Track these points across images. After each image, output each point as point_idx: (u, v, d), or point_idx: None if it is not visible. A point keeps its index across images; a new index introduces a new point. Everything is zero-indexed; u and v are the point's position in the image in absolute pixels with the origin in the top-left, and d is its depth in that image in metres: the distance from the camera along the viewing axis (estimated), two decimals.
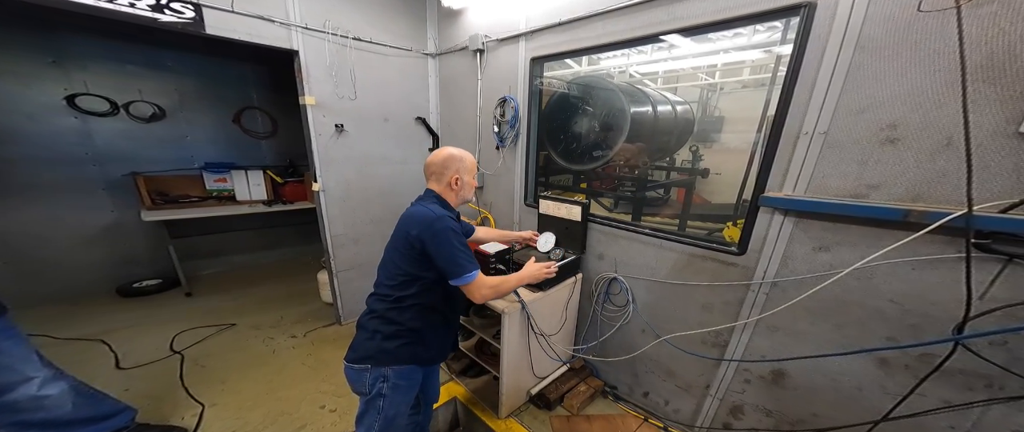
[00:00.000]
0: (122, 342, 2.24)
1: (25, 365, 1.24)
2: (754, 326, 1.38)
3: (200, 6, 1.57)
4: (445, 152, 1.15)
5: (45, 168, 2.53)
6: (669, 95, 2.00)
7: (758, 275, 1.32)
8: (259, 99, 3.27)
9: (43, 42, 2.40)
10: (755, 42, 1.49)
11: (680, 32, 1.39)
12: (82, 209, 2.71)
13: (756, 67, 1.65)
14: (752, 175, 1.32)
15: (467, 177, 1.17)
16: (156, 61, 2.78)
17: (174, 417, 1.69)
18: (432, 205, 1.10)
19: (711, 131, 2.03)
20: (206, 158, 3.05)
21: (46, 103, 2.47)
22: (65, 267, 2.69)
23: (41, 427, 1.27)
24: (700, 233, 1.56)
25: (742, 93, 1.80)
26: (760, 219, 1.28)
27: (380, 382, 1.09)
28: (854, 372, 1.20)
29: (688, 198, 1.79)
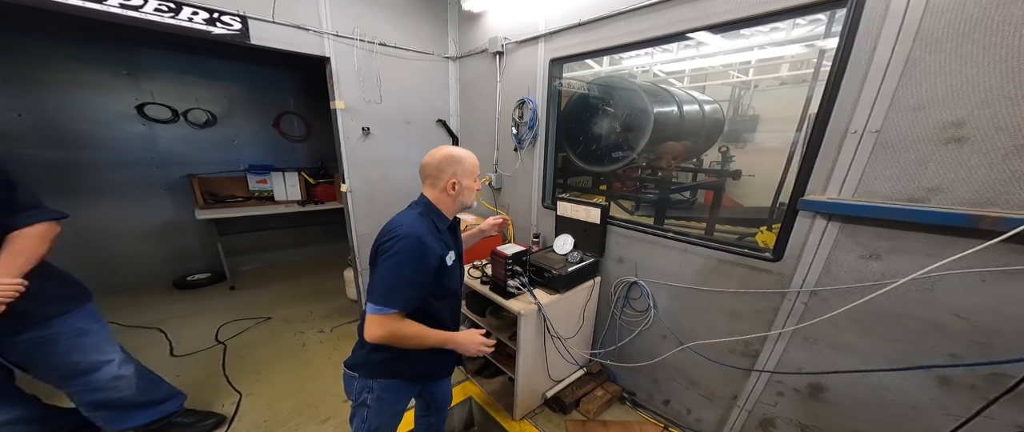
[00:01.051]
0: (176, 331, 2.38)
1: (106, 347, 1.30)
2: (789, 336, 1.25)
3: (246, 18, 1.65)
4: (442, 152, 0.97)
5: (116, 171, 2.76)
6: (696, 94, 1.87)
7: (795, 283, 1.19)
8: (295, 104, 3.42)
9: (119, 56, 2.62)
10: (795, 37, 1.35)
11: (710, 29, 1.28)
12: (145, 208, 2.93)
13: (796, 63, 1.50)
14: (790, 177, 1.19)
15: (467, 181, 0.99)
16: (209, 71, 2.97)
17: (215, 404, 1.75)
18: (412, 215, 0.93)
19: (743, 131, 1.87)
20: (249, 161, 3.22)
21: (120, 111, 2.69)
22: (130, 260, 2.91)
23: (111, 407, 1.34)
24: (729, 238, 1.43)
25: (780, 90, 1.64)
26: (799, 224, 1.16)
27: (365, 392, 1.00)
28: (907, 390, 1.06)
29: (717, 201, 1.66)
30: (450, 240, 1.02)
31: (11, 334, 1.08)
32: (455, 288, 1.06)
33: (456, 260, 1.04)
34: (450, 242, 1.01)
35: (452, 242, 1.03)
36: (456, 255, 1.04)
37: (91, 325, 1.26)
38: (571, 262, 1.69)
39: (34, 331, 1.12)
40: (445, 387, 1.33)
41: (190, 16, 1.52)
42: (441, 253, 0.92)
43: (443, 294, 1.00)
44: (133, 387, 1.36)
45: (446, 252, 0.96)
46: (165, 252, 3.08)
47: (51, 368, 1.19)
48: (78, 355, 1.22)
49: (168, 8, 1.47)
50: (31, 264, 1.04)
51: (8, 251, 1.00)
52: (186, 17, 1.51)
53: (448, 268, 0.97)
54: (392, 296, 0.84)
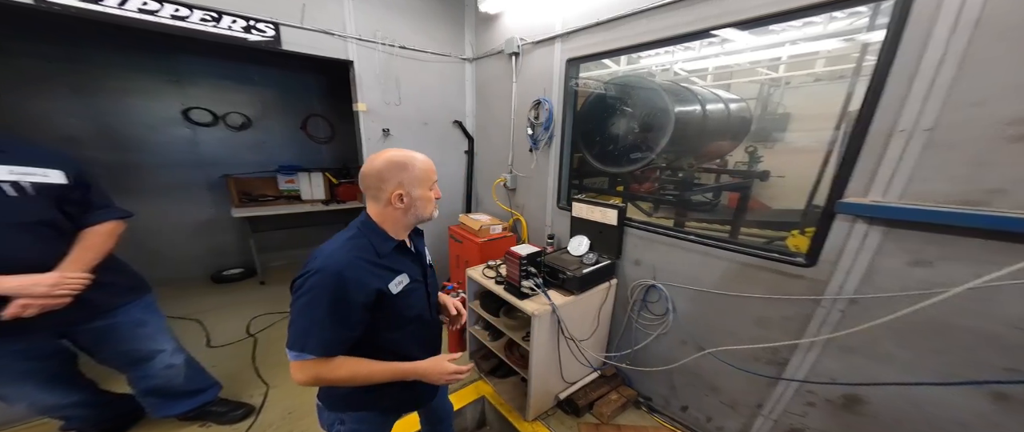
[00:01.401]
0: (212, 323, 2.49)
1: (161, 337, 1.36)
2: (823, 345, 1.16)
3: (278, 25, 1.72)
4: (383, 157, 0.78)
5: (162, 172, 2.94)
6: (721, 92, 1.77)
7: (831, 290, 1.10)
8: (321, 107, 3.53)
9: (165, 64, 2.79)
10: (832, 30, 1.25)
11: (737, 25, 1.20)
12: (187, 206, 3.10)
13: (833, 58, 1.38)
14: (826, 178, 1.10)
15: (419, 190, 0.80)
16: (245, 76, 3.11)
17: (245, 395, 1.81)
18: (339, 241, 0.77)
19: (773, 130, 1.74)
20: (279, 161, 3.36)
21: (166, 116, 2.87)
22: (173, 255, 3.10)
23: (161, 395, 1.41)
24: (757, 241, 1.35)
25: (814, 87, 1.52)
26: (836, 227, 1.06)
27: (338, 424, 0.91)
28: (955, 405, 0.96)
29: (743, 203, 1.56)
30: (400, 263, 0.84)
31: (82, 322, 1.16)
32: (416, 315, 0.89)
33: (413, 283, 0.86)
34: (399, 265, 0.83)
35: (406, 263, 0.85)
36: (412, 278, 0.86)
37: (149, 316, 1.33)
38: (586, 264, 1.65)
39: (101, 320, 1.19)
40: (442, 401, 1.20)
41: (230, 24, 1.60)
42: (376, 285, 0.76)
43: (399, 324, 0.85)
44: (181, 376, 1.42)
45: (388, 280, 0.79)
46: (203, 248, 3.26)
47: (116, 354, 1.26)
48: (137, 343, 1.29)
49: (211, 18, 1.55)
50: (99, 258, 1.11)
51: (80, 246, 1.08)
52: (226, 25, 1.59)
53: (395, 297, 0.80)
54: (306, 340, 0.71)
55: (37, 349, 1.14)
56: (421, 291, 0.91)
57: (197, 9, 1.52)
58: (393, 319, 0.83)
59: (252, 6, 1.64)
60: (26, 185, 0.98)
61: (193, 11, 1.51)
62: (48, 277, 0.99)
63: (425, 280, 0.93)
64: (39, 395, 1.20)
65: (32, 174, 0.99)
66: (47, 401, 1.23)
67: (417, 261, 0.91)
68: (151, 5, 1.42)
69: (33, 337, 1.09)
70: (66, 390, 1.27)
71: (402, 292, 0.83)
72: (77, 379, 1.32)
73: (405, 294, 0.84)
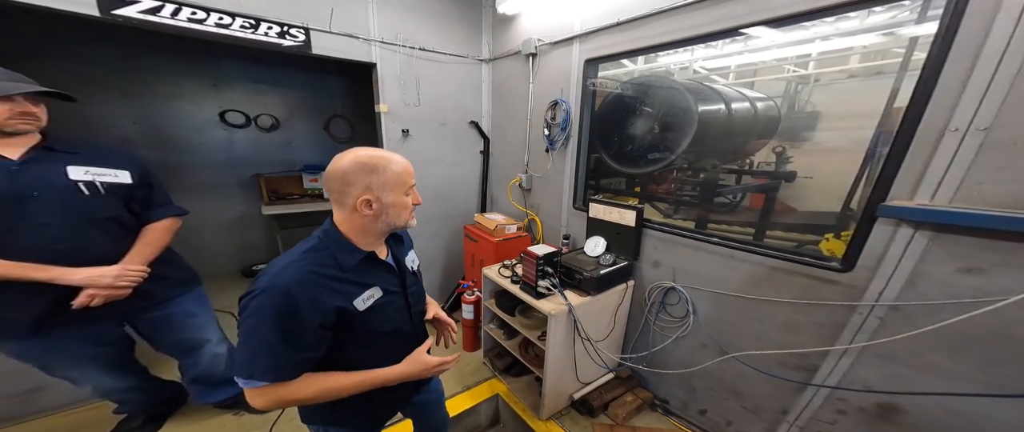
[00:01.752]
0: None
1: (209, 328, 1.41)
2: (858, 353, 1.08)
3: (309, 30, 1.77)
4: (348, 158, 0.69)
5: (202, 171, 3.09)
6: (746, 91, 1.69)
7: (869, 296, 1.03)
8: (342, 108, 3.62)
9: (206, 69, 2.94)
10: (870, 25, 1.16)
11: (766, 24, 1.14)
12: (222, 204, 3.25)
13: (870, 54, 1.29)
14: (865, 179, 1.03)
15: (391, 196, 0.70)
16: (275, 79, 3.23)
17: None
18: (293, 255, 0.69)
19: (801, 129, 1.64)
20: (305, 161, 3.48)
21: (206, 118, 3.02)
22: (209, 250, 3.24)
23: (204, 383, 1.47)
24: (785, 245, 1.28)
25: (848, 84, 1.42)
26: (877, 231, 0.99)
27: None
28: (1007, 419, 0.88)
29: (768, 205, 1.49)
30: (369, 276, 0.74)
31: (141, 311, 1.22)
32: (392, 329, 0.79)
33: (386, 296, 0.76)
34: (367, 278, 0.74)
35: (377, 276, 0.76)
36: (387, 289, 0.76)
37: (199, 307, 1.38)
38: (604, 265, 1.61)
39: (158, 310, 1.25)
40: (436, 410, 1.11)
41: (266, 31, 1.67)
42: (335, 303, 0.67)
43: (370, 341, 0.75)
44: (223, 365, 1.47)
45: (352, 296, 0.70)
46: (235, 243, 3.40)
47: (171, 343, 1.33)
48: (188, 333, 1.34)
49: (249, 25, 1.63)
50: (157, 253, 1.18)
51: (141, 241, 1.14)
52: (263, 32, 1.66)
53: (363, 313, 0.71)
54: (254, 366, 0.63)
55: (103, 336, 1.21)
56: (398, 303, 0.81)
57: (238, 17, 1.59)
58: (362, 337, 0.74)
59: (285, 12, 1.70)
60: (98, 184, 1.04)
61: (235, 19, 1.59)
62: (112, 269, 1.05)
63: (404, 290, 0.82)
64: (102, 379, 1.27)
65: (104, 174, 1.06)
66: (108, 385, 1.30)
67: (393, 272, 0.81)
68: (199, 15, 1.50)
69: (100, 325, 1.15)
70: (124, 375, 1.34)
71: (372, 308, 0.73)
72: (134, 365, 1.39)
73: (376, 309, 0.74)
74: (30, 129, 0.96)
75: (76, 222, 1.01)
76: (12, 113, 0.90)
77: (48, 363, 1.15)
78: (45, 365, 1.15)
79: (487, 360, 2.09)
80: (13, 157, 0.93)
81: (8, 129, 0.91)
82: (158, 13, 1.43)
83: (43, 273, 0.95)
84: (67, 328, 1.07)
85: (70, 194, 1.00)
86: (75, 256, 1.00)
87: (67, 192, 0.99)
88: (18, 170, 0.93)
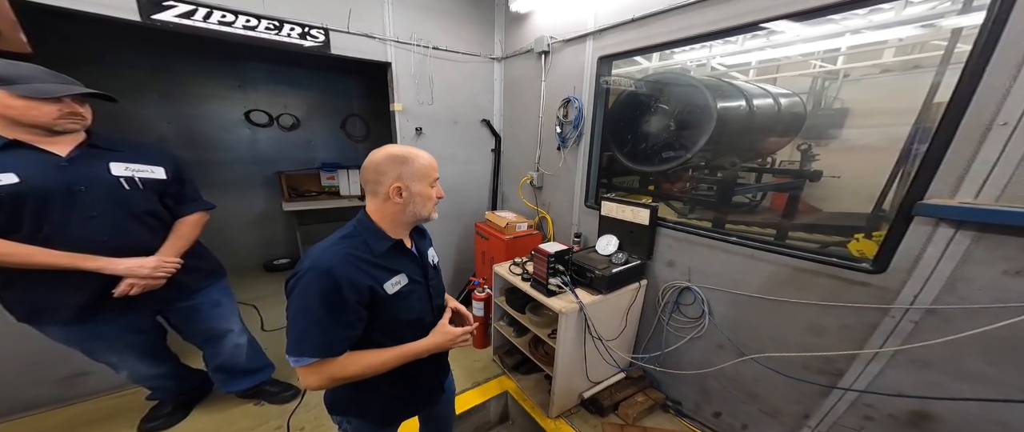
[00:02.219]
0: (266, 308, 2.63)
1: (232, 318, 1.44)
2: (889, 357, 1.02)
3: (328, 30, 1.80)
4: (383, 152, 0.75)
5: (229, 168, 3.19)
6: (769, 87, 1.61)
7: (904, 299, 0.96)
8: (358, 108, 3.67)
9: (233, 71, 3.03)
10: (907, 16, 1.08)
11: (791, 17, 1.07)
12: (247, 200, 3.35)
13: (906, 47, 1.20)
14: (900, 178, 0.96)
15: (418, 185, 0.75)
16: (296, 80, 3.30)
17: (292, 378, 1.85)
18: (330, 241, 0.74)
19: (828, 126, 1.55)
20: (322, 159, 3.55)
21: (233, 118, 3.12)
22: (234, 245, 3.34)
23: (228, 371, 1.51)
24: (810, 245, 1.21)
25: (881, 79, 1.33)
26: (914, 231, 0.92)
27: (345, 423, 0.90)
28: None
29: (792, 205, 1.41)
30: (397, 263, 0.79)
31: (173, 301, 1.26)
32: (416, 318, 0.83)
33: (411, 284, 0.81)
34: (395, 265, 0.78)
35: (403, 264, 0.80)
36: (412, 278, 0.81)
37: (224, 298, 1.41)
38: (616, 264, 1.57)
39: (187, 300, 1.29)
40: (444, 410, 1.14)
41: (289, 32, 1.71)
42: (368, 282, 0.71)
43: (396, 328, 0.79)
44: (244, 355, 1.51)
45: (383, 279, 0.75)
46: (258, 238, 3.50)
47: (197, 332, 1.37)
48: (213, 323, 1.38)
49: (274, 26, 1.67)
50: (188, 245, 1.22)
51: (174, 234, 1.19)
52: (286, 33, 1.70)
53: (391, 297, 0.75)
54: (305, 343, 0.68)
55: (139, 324, 1.25)
56: (421, 293, 0.85)
57: (263, 19, 1.64)
58: (387, 324, 0.77)
59: (306, 14, 1.73)
60: (137, 180, 1.09)
61: (260, 21, 1.63)
62: (149, 260, 1.09)
63: (426, 282, 0.86)
64: (136, 365, 1.32)
65: (142, 170, 1.10)
66: (142, 371, 1.35)
67: (417, 262, 0.85)
68: (228, 17, 1.56)
69: (136, 313, 1.18)
70: (157, 362, 1.38)
71: (399, 293, 0.77)
72: (166, 353, 1.42)
73: (402, 295, 0.78)
74: (77, 128, 1.00)
75: (118, 215, 1.05)
76: (61, 113, 0.94)
77: (91, 348, 1.20)
78: (88, 349, 1.20)
79: (497, 357, 2.08)
80: (62, 154, 0.98)
81: (57, 128, 0.95)
82: (192, 17, 1.48)
83: (91, 262, 0.99)
84: (108, 315, 1.12)
85: (113, 188, 1.04)
86: (117, 247, 1.04)
87: (110, 187, 1.04)
88: (67, 166, 0.97)
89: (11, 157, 0.91)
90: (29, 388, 1.49)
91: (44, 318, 1.07)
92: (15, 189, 0.90)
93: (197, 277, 1.30)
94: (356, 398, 0.85)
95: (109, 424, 1.50)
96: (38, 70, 0.93)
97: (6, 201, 0.90)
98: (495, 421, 1.85)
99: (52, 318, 1.07)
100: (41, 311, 1.06)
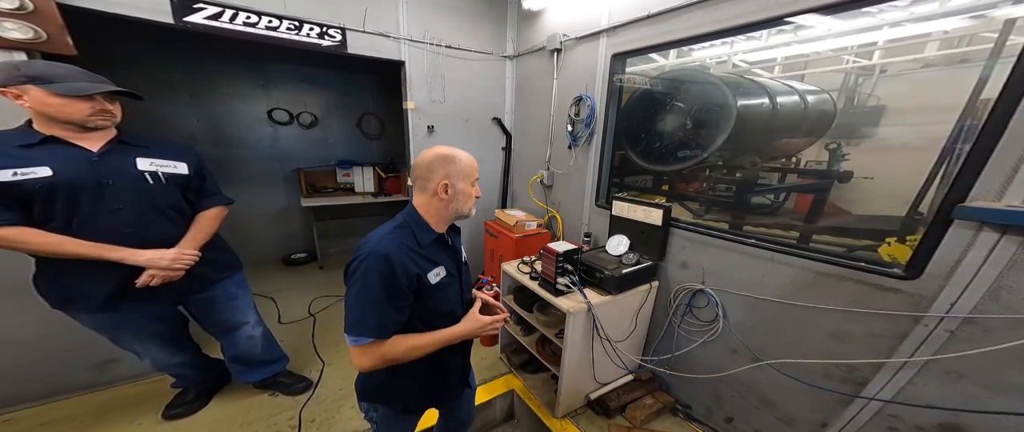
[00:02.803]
0: (283, 301, 2.68)
1: (247, 311, 1.46)
2: (920, 367, 0.95)
3: (345, 30, 1.82)
4: (433, 152, 0.81)
5: (253, 164, 3.28)
6: (795, 84, 1.52)
7: (939, 307, 0.89)
8: (373, 106, 3.71)
9: (257, 71, 3.12)
10: (953, 7, 0.99)
11: (821, 10, 1.00)
12: (268, 195, 3.44)
13: (951, 40, 1.10)
14: (940, 179, 0.89)
15: (462, 184, 0.81)
16: (315, 79, 3.37)
17: (305, 370, 1.86)
18: (384, 231, 0.79)
19: (860, 124, 1.44)
20: (339, 157, 3.61)
21: (257, 116, 3.21)
22: (254, 238, 3.44)
23: (243, 362, 1.54)
24: (836, 249, 1.14)
25: (922, 74, 1.24)
26: (953, 235, 0.85)
27: (372, 411, 0.94)
28: None
29: (817, 207, 1.33)
30: (438, 255, 0.84)
31: (192, 292, 1.30)
32: (450, 309, 0.88)
33: (448, 277, 0.85)
34: (437, 257, 0.83)
35: (443, 257, 0.86)
36: (449, 271, 0.86)
37: (240, 291, 1.43)
38: (627, 264, 1.53)
39: (204, 291, 1.33)
40: (465, 406, 1.17)
41: (308, 32, 1.74)
42: (417, 271, 0.76)
43: (433, 317, 0.83)
44: (259, 347, 1.54)
45: (427, 269, 0.79)
46: (277, 233, 3.59)
47: (214, 323, 1.41)
48: (229, 314, 1.41)
49: (294, 27, 1.71)
50: (207, 238, 1.25)
51: (194, 227, 1.22)
52: (305, 33, 1.74)
53: (433, 287, 0.80)
54: (364, 324, 0.72)
55: (162, 313, 1.29)
56: (456, 286, 0.90)
57: (284, 19, 1.68)
58: (427, 312, 0.82)
59: (324, 14, 1.76)
60: (161, 174, 1.12)
61: (282, 21, 1.68)
62: (169, 253, 1.12)
63: (460, 276, 0.92)
64: (159, 353, 1.36)
65: (165, 165, 1.14)
66: (164, 359, 1.39)
67: (453, 256, 0.90)
68: (252, 18, 1.62)
69: (158, 303, 1.22)
70: (180, 350, 1.43)
71: (439, 284, 0.82)
72: (188, 342, 1.46)
73: (441, 287, 0.83)
74: (107, 125, 1.04)
75: (142, 208, 1.09)
76: (92, 110, 0.98)
77: (116, 335, 1.25)
78: (114, 337, 1.25)
79: (504, 355, 2.06)
80: (93, 149, 1.02)
81: (89, 124, 0.99)
82: (219, 18, 1.54)
83: (115, 253, 1.03)
84: (132, 304, 1.16)
85: (138, 183, 1.08)
86: (140, 239, 1.08)
87: (136, 181, 1.08)
88: (98, 161, 1.02)
89: (47, 152, 0.95)
90: (68, 373, 1.56)
91: (75, 305, 1.12)
92: (49, 182, 0.94)
93: (214, 269, 1.33)
94: (389, 384, 0.88)
95: (137, 409, 1.56)
96: (74, 70, 0.97)
97: (40, 193, 0.94)
98: (501, 419, 1.84)
99: (81, 306, 1.12)
100: (72, 299, 1.11)
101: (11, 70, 0.90)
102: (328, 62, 3.34)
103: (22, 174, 0.91)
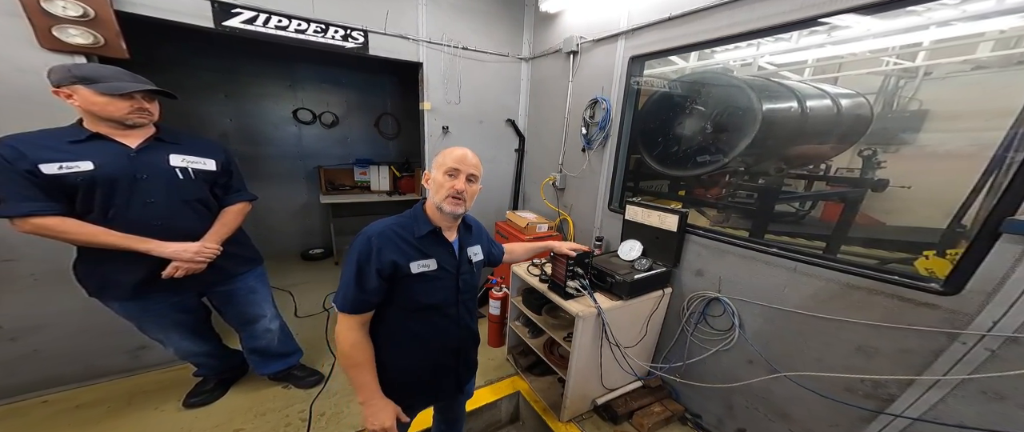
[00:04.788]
0: (300, 295, 2.72)
1: (265, 304, 1.49)
2: (954, 386, 0.88)
3: (367, 32, 1.87)
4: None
5: (278, 162, 3.39)
6: (827, 87, 1.43)
7: (980, 324, 0.83)
8: (391, 106, 3.78)
9: (284, 71, 3.22)
10: (1011, 5, 0.90)
11: (860, 10, 0.94)
12: (291, 192, 3.54)
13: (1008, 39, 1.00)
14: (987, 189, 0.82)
15: (436, 172, 0.82)
16: (337, 79, 3.45)
17: (317, 364, 1.86)
18: (395, 216, 0.84)
19: (899, 130, 1.34)
20: (357, 155, 3.69)
21: (283, 116, 3.32)
22: (276, 233, 3.55)
23: (260, 354, 1.59)
24: (867, 261, 1.06)
25: (972, 77, 1.13)
26: (999, 250, 0.79)
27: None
28: None
29: (847, 216, 1.25)
30: (431, 248, 0.83)
31: (213, 284, 1.34)
32: (433, 304, 0.86)
33: (439, 271, 0.83)
34: (429, 250, 0.83)
35: (438, 251, 0.84)
36: (442, 266, 0.84)
37: (260, 285, 1.46)
38: (639, 269, 1.49)
39: (225, 284, 1.37)
40: (456, 406, 1.19)
41: (333, 34, 1.80)
42: (393, 257, 0.77)
43: (413, 308, 0.83)
44: (276, 340, 1.58)
45: (412, 258, 0.79)
46: (297, 228, 3.69)
47: (233, 315, 1.46)
48: (248, 307, 1.45)
49: (320, 29, 1.77)
50: (230, 233, 1.29)
51: (219, 221, 1.26)
52: (330, 36, 1.79)
53: (412, 276, 0.79)
54: (338, 295, 0.78)
55: (185, 304, 1.32)
56: (447, 282, 0.87)
57: (312, 22, 1.74)
58: (406, 301, 0.82)
59: (348, 16, 1.80)
60: (190, 170, 1.18)
61: (309, 24, 1.74)
62: (193, 246, 1.17)
63: (458, 273, 0.88)
64: (181, 342, 1.39)
65: (195, 162, 1.19)
66: (187, 348, 1.44)
67: (452, 253, 0.88)
68: (283, 22, 1.69)
69: (182, 294, 1.27)
70: (202, 340, 1.45)
71: (422, 275, 0.81)
72: (210, 333, 1.49)
73: (426, 278, 0.82)
74: (145, 122, 1.10)
75: (173, 202, 1.14)
76: (131, 108, 1.04)
77: (143, 323, 1.30)
78: (140, 325, 1.31)
79: (511, 357, 2.05)
80: (132, 145, 1.08)
81: (128, 121, 1.05)
82: (254, 22, 1.62)
83: (143, 244, 1.08)
84: (158, 294, 1.21)
85: (170, 177, 1.13)
86: (169, 231, 1.13)
87: (168, 176, 1.13)
88: (135, 156, 1.07)
89: (91, 147, 1.02)
90: (104, 357, 1.65)
91: (108, 293, 1.18)
92: (90, 175, 1.00)
93: (235, 263, 1.37)
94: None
95: (162, 395, 1.63)
96: (117, 71, 1.03)
97: (81, 185, 1.00)
98: (506, 421, 1.82)
99: (113, 294, 1.18)
100: (105, 287, 1.17)
101: (64, 72, 0.96)
102: (350, 63, 3.41)
103: (67, 167, 0.98)
